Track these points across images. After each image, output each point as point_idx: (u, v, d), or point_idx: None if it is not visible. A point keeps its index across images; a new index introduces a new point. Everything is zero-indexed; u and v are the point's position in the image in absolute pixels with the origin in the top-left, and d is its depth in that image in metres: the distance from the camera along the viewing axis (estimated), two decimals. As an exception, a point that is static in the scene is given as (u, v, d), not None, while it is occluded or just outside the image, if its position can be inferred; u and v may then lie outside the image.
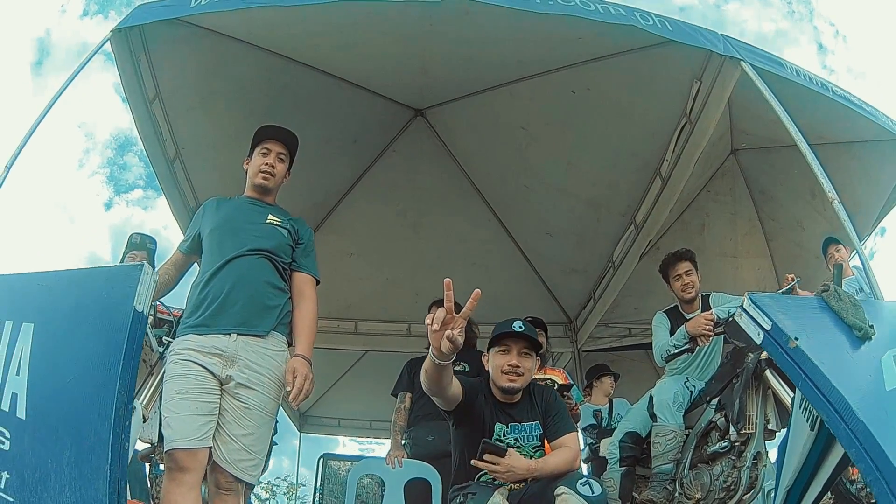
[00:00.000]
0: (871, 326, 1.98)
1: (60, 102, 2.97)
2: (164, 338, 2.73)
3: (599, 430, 4.06)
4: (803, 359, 1.84)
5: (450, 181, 5.22)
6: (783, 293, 3.36)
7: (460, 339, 1.97)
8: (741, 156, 4.84)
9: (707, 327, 3.06)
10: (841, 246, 3.98)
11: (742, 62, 3.19)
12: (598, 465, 3.76)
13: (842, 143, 4.09)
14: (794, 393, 2.27)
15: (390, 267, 5.68)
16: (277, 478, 10.79)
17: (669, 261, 3.54)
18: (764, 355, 2.81)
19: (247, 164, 2.77)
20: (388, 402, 6.56)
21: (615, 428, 3.99)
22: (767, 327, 1.93)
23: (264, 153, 2.71)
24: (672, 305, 3.59)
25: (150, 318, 2.83)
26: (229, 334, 2.27)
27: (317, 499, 4.69)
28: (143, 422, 2.50)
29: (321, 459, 4.84)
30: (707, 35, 3.24)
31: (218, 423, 2.18)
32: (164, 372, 2.58)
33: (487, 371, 2.57)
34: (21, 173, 2.86)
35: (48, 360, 1.83)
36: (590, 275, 5.41)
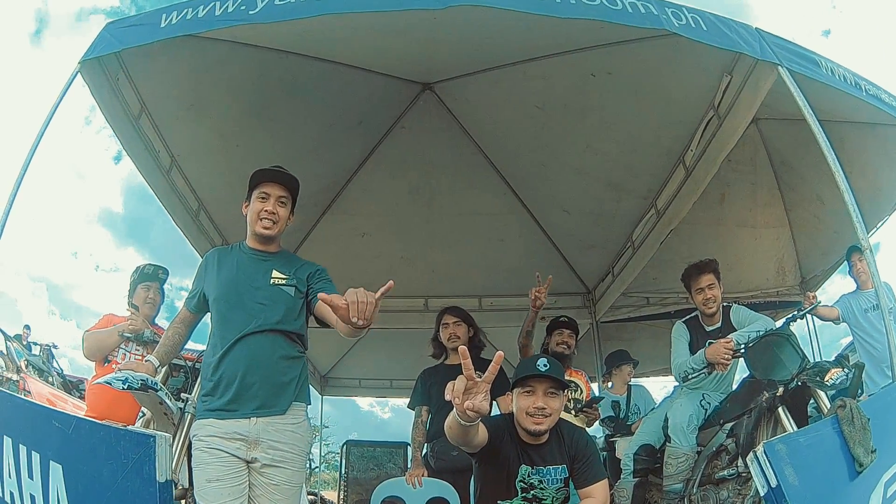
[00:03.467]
0: (874, 451, 1.98)
1: (61, 62, 2.84)
2: (181, 393, 2.80)
3: (616, 423, 4.14)
4: None
5: (462, 155, 4.99)
6: (805, 313, 3.30)
7: (485, 406, 1.91)
8: (763, 125, 4.51)
9: (726, 356, 3.00)
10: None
11: (779, 67, 2.89)
12: (612, 462, 3.87)
13: (867, 123, 3.81)
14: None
15: (404, 243, 5.59)
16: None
17: (691, 273, 3.42)
18: (779, 392, 2.79)
19: (245, 208, 2.63)
20: (405, 361, 6.75)
21: (631, 423, 4.08)
22: (773, 484, 1.97)
23: (263, 198, 2.56)
24: (693, 314, 3.52)
25: (164, 368, 2.89)
26: (249, 418, 2.30)
27: (341, 484, 4.97)
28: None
29: (344, 446, 5.08)
30: (743, 34, 2.91)
31: (249, 496, 2.28)
32: (187, 426, 2.70)
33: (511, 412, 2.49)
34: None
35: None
36: (609, 251, 5.28)
